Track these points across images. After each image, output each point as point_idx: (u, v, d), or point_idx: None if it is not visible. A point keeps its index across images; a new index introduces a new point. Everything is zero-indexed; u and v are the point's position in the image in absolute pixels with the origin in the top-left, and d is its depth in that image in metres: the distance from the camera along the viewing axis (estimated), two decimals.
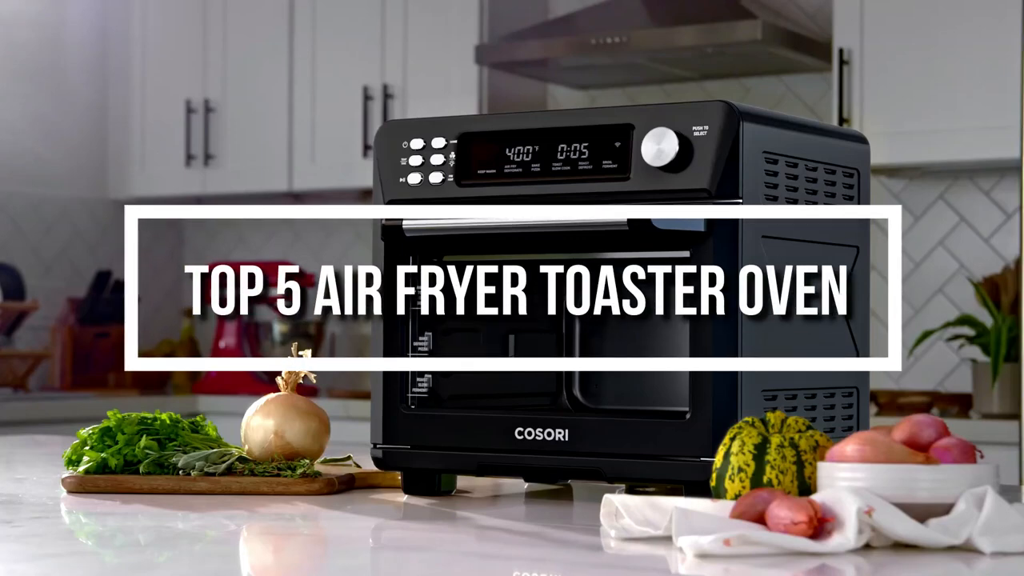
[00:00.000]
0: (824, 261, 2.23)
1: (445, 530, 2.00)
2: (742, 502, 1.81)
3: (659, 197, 2.11)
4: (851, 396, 2.29)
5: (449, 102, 5.11)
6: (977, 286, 4.34)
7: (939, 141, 4.35)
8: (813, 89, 4.96)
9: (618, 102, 5.30)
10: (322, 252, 5.88)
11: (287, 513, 2.11)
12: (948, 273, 4.72)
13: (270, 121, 5.48)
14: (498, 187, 2.23)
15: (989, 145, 4.26)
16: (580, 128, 2.18)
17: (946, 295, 4.71)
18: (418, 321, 2.29)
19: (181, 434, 2.38)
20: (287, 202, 5.87)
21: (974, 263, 4.69)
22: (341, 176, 5.36)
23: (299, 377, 2.41)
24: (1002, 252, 4.65)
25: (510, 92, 5.22)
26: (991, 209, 4.68)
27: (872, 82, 4.44)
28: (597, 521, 1.94)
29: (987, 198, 4.69)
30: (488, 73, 5.10)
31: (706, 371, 2.06)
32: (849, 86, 4.46)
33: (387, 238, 2.27)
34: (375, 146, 2.31)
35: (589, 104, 5.36)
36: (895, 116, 4.40)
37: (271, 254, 5.95)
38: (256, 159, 5.51)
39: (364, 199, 5.75)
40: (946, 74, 4.35)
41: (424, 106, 5.16)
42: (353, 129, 5.30)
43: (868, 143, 2.36)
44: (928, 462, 1.81)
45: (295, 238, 5.94)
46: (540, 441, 2.17)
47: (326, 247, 5.87)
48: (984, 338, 4.12)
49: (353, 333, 5.72)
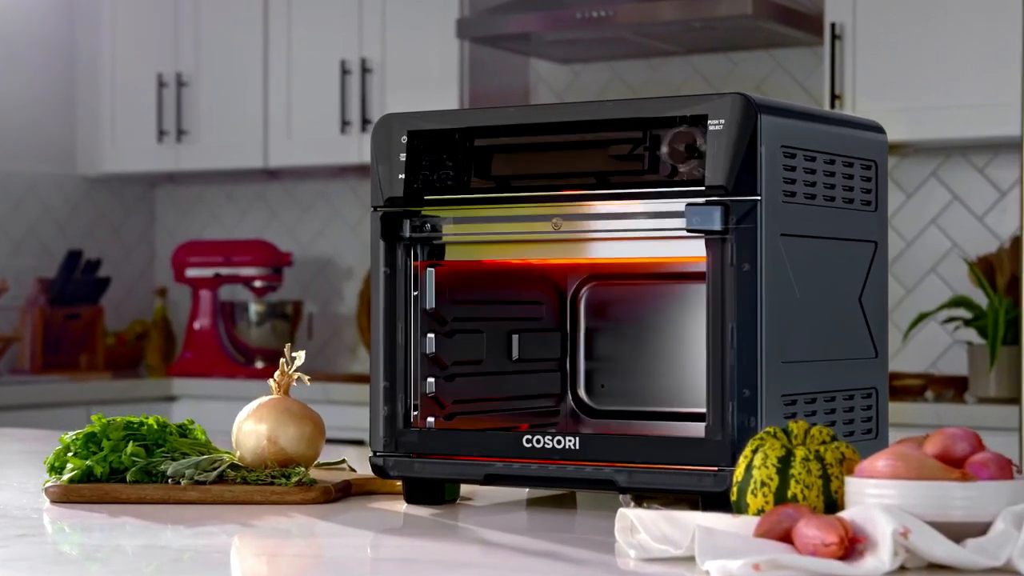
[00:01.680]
0: (843, 258, 2.14)
1: (448, 546, 1.91)
2: (766, 519, 1.72)
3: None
4: (870, 397, 2.20)
5: (429, 77, 5.00)
6: (971, 266, 4.26)
7: (934, 118, 4.26)
8: (803, 64, 4.87)
9: (602, 77, 5.19)
10: (298, 230, 5.76)
11: (282, 525, 2.02)
12: (941, 252, 4.64)
13: (245, 96, 5.36)
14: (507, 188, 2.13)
15: (986, 122, 4.18)
16: (595, 122, 2.08)
17: (939, 275, 4.63)
18: (421, 323, 2.19)
19: (169, 439, 2.28)
20: (262, 179, 5.75)
21: (967, 242, 4.61)
22: (318, 152, 5.25)
23: (292, 380, 2.31)
24: (996, 231, 4.57)
25: (492, 66, 5.11)
26: (985, 187, 4.60)
27: (865, 58, 4.35)
28: (607, 534, 1.87)
29: (981, 175, 4.60)
30: (469, 47, 4.99)
31: (726, 377, 1.97)
32: (841, 62, 4.36)
33: (388, 239, 2.17)
34: (372, 140, 2.21)
35: (572, 79, 5.26)
36: (889, 92, 4.31)
37: (246, 232, 5.83)
38: (230, 135, 5.39)
39: (341, 176, 5.64)
40: (941, 50, 4.26)
41: (404, 81, 5.05)
42: (330, 104, 5.19)
43: (885, 132, 2.26)
44: (965, 479, 1.72)
45: (271, 216, 5.82)
46: (549, 449, 2.08)
47: (302, 224, 5.76)
48: (981, 321, 4.04)
49: (331, 313, 5.63)
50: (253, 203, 5.85)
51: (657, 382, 2.36)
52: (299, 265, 5.66)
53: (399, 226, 2.17)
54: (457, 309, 2.24)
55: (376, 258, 2.20)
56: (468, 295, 2.26)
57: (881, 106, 4.31)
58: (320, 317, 5.64)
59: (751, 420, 1.96)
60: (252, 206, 5.86)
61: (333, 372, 5.29)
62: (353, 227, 5.65)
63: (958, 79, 4.23)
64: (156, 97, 5.50)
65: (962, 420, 3.94)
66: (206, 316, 5.40)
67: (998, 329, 3.95)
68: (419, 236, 2.17)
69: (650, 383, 2.37)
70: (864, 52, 4.34)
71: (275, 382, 2.30)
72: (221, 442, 2.46)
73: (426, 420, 2.19)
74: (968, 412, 3.97)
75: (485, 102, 5.03)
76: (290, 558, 1.86)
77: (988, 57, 4.18)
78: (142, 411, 4.95)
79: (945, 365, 4.59)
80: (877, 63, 4.32)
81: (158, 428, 2.28)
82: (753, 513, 1.79)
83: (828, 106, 4.38)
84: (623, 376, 2.39)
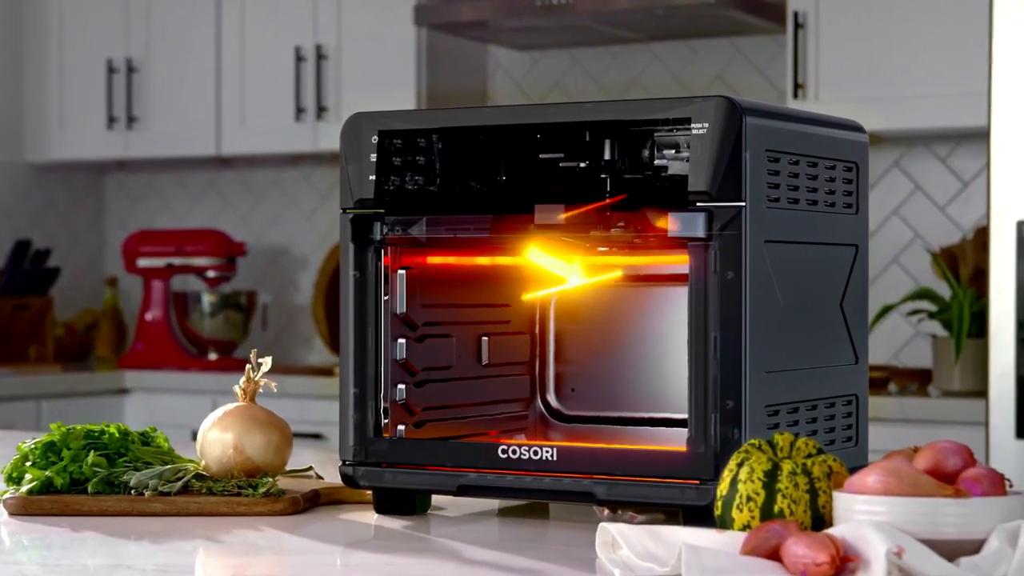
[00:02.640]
0: (824, 263, 2.10)
1: (422, 562, 1.85)
2: (754, 536, 1.68)
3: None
4: (850, 405, 2.16)
5: (386, 64, 4.93)
6: (935, 256, 4.23)
7: (899, 108, 4.23)
8: (765, 53, 4.82)
9: (562, 64, 5.14)
10: (251, 218, 5.68)
11: (250, 539, 1.96)
12: (903, 243, 4.61)
13: (197, 82, 5.27)
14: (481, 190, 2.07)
15: (951, 112, 4.15)
16: (573, 124, 2.02)
17: (901, 265, 4.60)
18: (391, 328, 2.13)
19: (131, 448, 2.21)
20: (214, 167, 5.67)
21: (930, 233, 4.58)
22: (272, 140, 5.17)
23: (259, 386, 2.24)
24: (959, 221, 4.55)
25: (450, 53, 5.04)
26: (947, 177, 4.57)
27: (828, 47, 4.31)
28: (586, 548, 1.82)
29: (943, 165, 4.57)
30: (427, 34, 4.92)
31: (708, 388, 1.92)
32: (804, 51, 4.32)
33: (359, 242, 2.11)
34: (342, 140, 2.15)
35: (531, 66, 5.19)
36: (852, 82, 4.27)
37: (198, 221, 5.75)
38: (182, 121, 5.30)
39: (295, 164, 5.56)
40: (905, 39, 4.22)
41: (360, 68, 4.97)
42: (284, 91, 5.11)
43: (865, 131, 2.22)
44: (958, 495, 1.68)
45: (223, 204, 5.74)
46: (526, 460, 2.02)
47: (255, 213, 5.68)
48: (946, 314, 4.01)
49: (285, 302, 5.55)
50: (205, 191, 5.77)
51: (628, 386, 2.31)
52: (253, 254, 5.59)
53: (370, 229, 2.11)
54: (427, 313, 2.19)
55: (346, 261, 2.14)
56: (438, 298, 2.21)
57: (844, 96, 4.27)
58: (275, 307, 5.56)
59: (735, 432, 1.91)
60: (204, 194, 5.77)
61: (289, 364, 5.22)
62: (308, 216, 5.58)
63: (922, 69, 4.19)
64: (106, 83, 5.40)
65: (927, 413, 3.92)
66: (158, 307, 5.31)
67: (963, 322, 3.91)
68: (390, 239, 2.11)
69: (621, 387, 2.32)
70: (827, 41, 4.30)
71: (241, 389, 2.24)
72: (179, 440, 2.40)
73: (396, 428, 2.14)
74: (932, 406, 3.94)
75: (443, 90, 4.97)
76: (258, 573, 1.81)
77: (953, 47, 4.15)
78: (94, 404, 4.91)
79: (908, 357, 4.56)
80: (840, 52, 4.28)
81: (119, 436, 2.21)
82: (739, 528, 1.74)
83: (791, 96, 4.34)
84: (593, 380, 2.34)
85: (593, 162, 2.04)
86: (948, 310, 4.01)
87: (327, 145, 5.03)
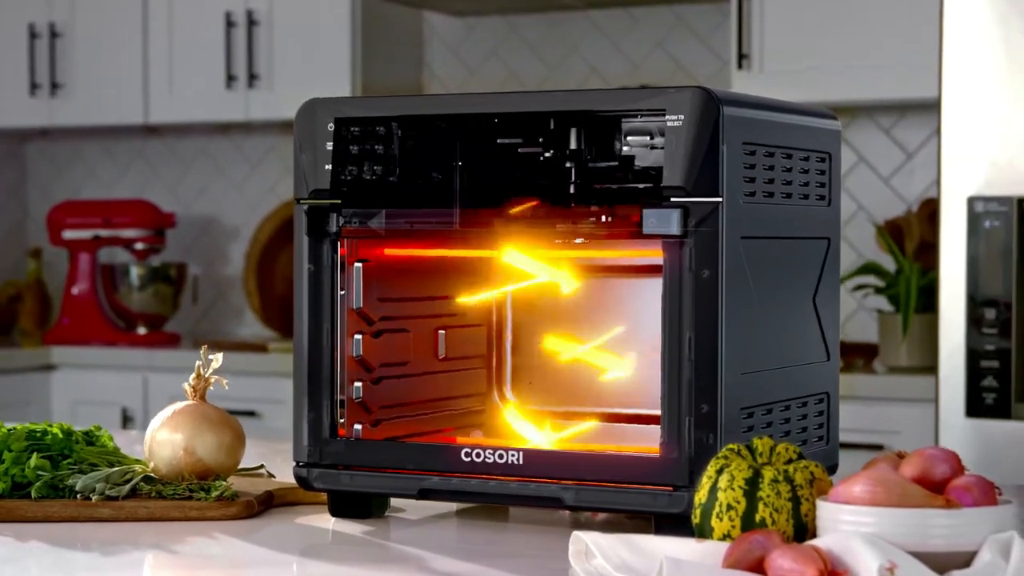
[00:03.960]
0: (797, 257, 2.03)
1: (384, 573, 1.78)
2: (736, 548, 1.61)
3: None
4: (822, 403, 2.10)
5: (320, 30, 4.81)
6: (880, 229, 4.18)
7: (845, 79, 4.17)
8: (708, 21, 4.75)
9: (499, 31, 5.04)
10: (180, 188, 5.56)
11: (203, 547, 1.89)
12: (847, 215, 4.56)
13: (123, 48, 5.13)
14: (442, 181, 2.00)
15: (898, 84, 4.10)
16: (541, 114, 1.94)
17: (845, 238, 4.56)
18: (348, 324, 2.05)
19: (76, 448, 2.12)
20: (141, 135, 5.54)
21: (874, 205, 4.53)
22: (202, 108, 5.04)
23: (209, 384, 2.15)
24: (903, 193, 4.50)
25: (384, 19, 4.94)
26: (891, 148, 4.53)
27: (773, 16, 4.23)
28: (556, 557, 1.76)
29: (887, 137, 4.53)
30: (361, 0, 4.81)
31: (683, 392, 1.85)
32: (749, 19, 4.25)
33: (314, 234, 2.02)
34: (296, 127, 2.05)
35: (467, 32, 5.10)
36: (798, 52, 4.20)
37: (125, 191, 5.61)
38: (108, 89, 5.16)
39: (225, 133, 5.44)
40: (851, 10, 4.16)
41: (292, 34, 4.85)
42: (215, 58, 4.98)
43: (838, 119, 2.15)
44: (949, 505, 1.62)
45: (151, 173, 5.61)
46: (490, 464, 1.95)
47: (184, 183, 5.55)
48: (893, 289, 3.96)
49: (216, 275, 5.44)
50: (132, 160, 5.63)
51: (586, 380, 2.23)
52: (182, 225, 5.46)
53: (326, 220, 2.03)
54: (383, 307, 2.10)
55: (300, 254, 2.05)
56: (395, 291, 2.13)
57: (789, 66, 4.21)
58: (205, 280, 5.45)
59: (709, 437, 1.85)
60: (131, 163, 5.63)
61: (221, 338, 5.11)
62: (238, 185, 5.46)
63: (868, 40, 4.14)
64: (28, 48, 5.25)
65: (873, 390, 3.87)
66: (85, 280, 5.18)
67: (911, 298, 3.87)
68: (347, 231, 2.02)
69: (578, 381, 2.24)
70: (772, 11, 4.23)
71: (190, 386, 2.15)
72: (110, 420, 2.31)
73: (352, 427, 2.05)
74: (880, 382, 3.90)
75: (377, 56, 4.87)
76: None
77: (898, 17, 4.10)
78: (19, 382, 4.78)
79: (853, 332, 4.52)
80: (785, 22, 4.21)
81: (63, 437, 2.12)
82: (718, 538, 1.69)
83: (735, 66, 4.27)
84: (550, 373, 2.27)
85: (560, 152, 1.97)
86: (895, 285, 3.96)
87: (259, 114, 4.92)
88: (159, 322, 5.18)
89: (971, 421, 3.43)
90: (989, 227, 3.40)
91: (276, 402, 4.54)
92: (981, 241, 3.40)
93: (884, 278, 4.03)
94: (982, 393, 3.41)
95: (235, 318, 5.43)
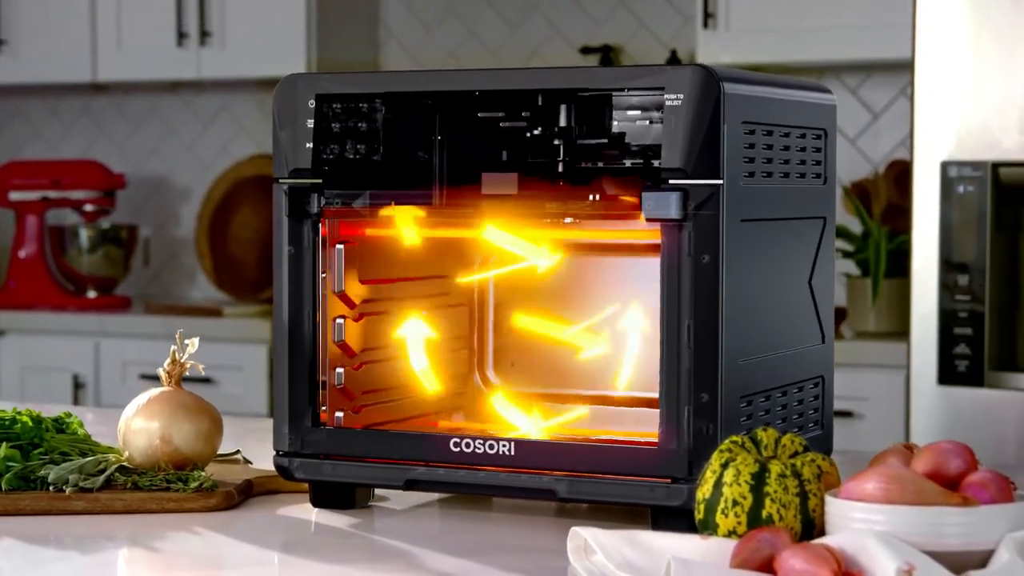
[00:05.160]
0: (794, 238, 1.98)
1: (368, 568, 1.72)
2: (744, 546, 1.56)
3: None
4: (817, 387, 2.05)
5: None
6: (847, 191, 4.13)
7: (810, 39, 4.11)
8: None
9: None
10: (127, 148, 5.44)
11: (181, 540, 1.83)
12: None
13: (70, 2, 5.00)
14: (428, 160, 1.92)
15: (864, 44, 4.05)
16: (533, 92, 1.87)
17: None
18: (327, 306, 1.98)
19: (46, 437, 2.04)
20: (88, 93, 5.42)
21: (840, 167, 4.48)
22: (152, 66, 4.93)
23: (184, 369, 2.08)
24: (869, 155, 4.45)
25: None
26: (858, 109, 4.47)
27: None
28: (552, 552, 1.71)
29: (853, 97, 4.47)
30: None
31: (681, 380, 1.79)
32: None
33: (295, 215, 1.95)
34: (275, 103, 1.97)
35: None
36: (763, 12, 4.14)
37: (71, 150, 5.49)
38: (54, 45, 5.04)
39: (175, 91, 5.33)
40: None
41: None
42: (165, 15, 4.87)
43: (832, 92, 2.09)
44: (967, 503, 1.57)
45: (98, 132, 5.49)
46: (480, 454, 1.88)
47: (131, 142, 5.44)
48: (862, 254, 3.92)
49: (167, 236, 5.34)
50: (78, 118, 5.51)
51: (569, 361, 2.17)
52: (132, 186, 5.35)
53: (307, 201, 1.95)
54: (365, 289, 2.04)
55: (279, 236, 1.98)
56: (376, 273, 2.06)
57: (755, 25, 4.14)
58: (156, 242, 5.34)
59: (709, 427, 1.79)
60: (77, 122, 5.51)
61: (173, 302, 5.00)
62: (189, 145, 5.35)
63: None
64: None
65: (842, 356, 3.80)
66: (32, 243, 5.06)
67: (880, 262, 3.82)
68: (329, 211, 1.95)
69: (561, 362, 2.18)
70: None
71: (165, 372, 2.07)
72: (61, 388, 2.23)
73: (334, 415, 1.99)
74: (848, 348, 3.85)
75: (333, 13, 4.77)
76: None
77: None
78: None
79: None
80: None
81: (33, 425, 2.04)
82: (723, 534, 1.64)
83: (700, 25, 4.20)
84: (534, 353, 2.20)
85: (550, 130, 1.90)
86: (864, 250, 3.91)
87: (211, 72, 4.81)
88: (110, 285, 5.08)
89: (943, 389, 3.40)
90: (963, 192, 3.36)
91: (233, 368, 4.46)
92: (954, 206, 3.36)
93: (852, 242, 3.98)
94: (955, 360, 3.37)
95: (187, 281, 5.34)
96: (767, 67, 4.30)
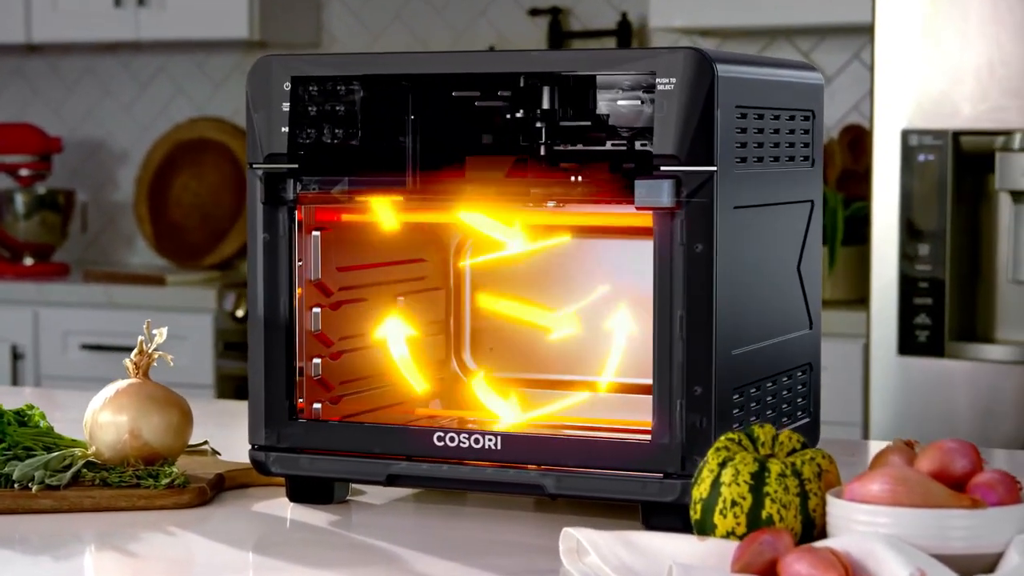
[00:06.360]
0: (783, 224, 1.93)
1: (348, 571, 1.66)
2: (745, 550, 1.52)
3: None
4: (805, 375, 2.01)
5: None
6: None
7: (763, 3, 4.06)
8: None
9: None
10: (64, 110, 5.33)
11: (152, 539, 1.77)
12: None
13: None
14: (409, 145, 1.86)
15: (818, 8, 4.01)
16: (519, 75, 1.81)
17: None
18: (306, 296, 1.91)
19: (8, 432, 1.97)
20: (20, 53, 5.29)
21: None
22: (88, 27, 4.83)
23: (152, 360, 2.01)
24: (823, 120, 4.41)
25: None
26: None
27: None
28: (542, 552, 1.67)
29: (806, 61, 4.43)
30: None
31: (674, 373, 1.74)
32: None
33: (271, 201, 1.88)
34: (248, 85, 1.90)
35: None
36: None
37: (4, 114, 5.37)
38: None
39: (113, 52, 5.22)
40: None
41: None
42: None
43: (819, 71, 2.04)
44: (975, 505, 1.54)
45: (33, 95, 5.37)
46: (465, 448, 1.83)
47: (68, 104, 5.32)
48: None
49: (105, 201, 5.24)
50: (10, 79, 5.38)
51: (549, 346, 2.12)
52: (68, 150, 5.24)
53: (283, 187, 1.88)
54: (342, 277, 1.97)
55: (253, 223, 1.91)
56: (353, 259, 2.00)
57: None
58: (94, 206, 5.24)
59: (703, 420, 1.74)
60: (9, 83, 5.39)
61: (113, 269, 4.90)
62: (127, 106, 5.24)
63: None
64: None
65: None
66: None
67: (837, 230, 3.79)
68: (305, 197, 1.88)
69: (541, 347, 2.13)
70: None
71: (132, 363, 2.00)
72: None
73: (312, 406, 1.92)
74: None
75: None
76: None
77: None
78: None
79: None
80: None
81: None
82: (721, 535, 1.60)
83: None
84: (512, 338, 2.15)
85: (534, 114, 1.83)
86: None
87: (149, 33, 4.71)
88: (47, 252, 4.97)
89: (903, 359, 3.38)
90: (923, 161, 3.33)
91: (177, 338, 4.37)
92: (915, 175, 3.33)
93: None
94: (915, 331, 3.35)
95: (126, 246, 5.24)
96: (719, 31, 4.25)
